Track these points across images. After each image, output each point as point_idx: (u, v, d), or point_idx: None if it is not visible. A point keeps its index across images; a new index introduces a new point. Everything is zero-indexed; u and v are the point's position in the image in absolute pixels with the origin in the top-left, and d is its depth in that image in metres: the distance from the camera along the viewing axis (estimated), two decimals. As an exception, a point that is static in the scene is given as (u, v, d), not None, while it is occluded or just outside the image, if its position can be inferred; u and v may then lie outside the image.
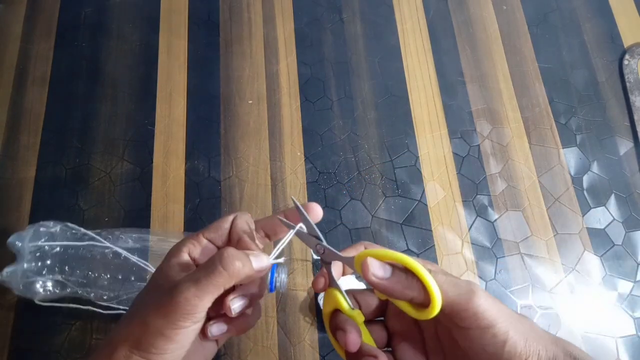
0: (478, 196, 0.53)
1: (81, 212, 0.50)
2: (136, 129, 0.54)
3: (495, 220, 0.52)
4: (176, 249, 0.25)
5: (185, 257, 0.25)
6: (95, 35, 0.58)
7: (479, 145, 0.55)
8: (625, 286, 0.50)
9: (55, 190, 0.51)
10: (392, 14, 0.61)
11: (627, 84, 0.58)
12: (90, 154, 0.52)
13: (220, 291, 0.22)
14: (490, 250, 0.50)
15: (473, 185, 0.53)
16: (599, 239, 0.51)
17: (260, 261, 0.24)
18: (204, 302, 0.22)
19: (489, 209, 0.52)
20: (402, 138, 0.55)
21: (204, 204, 0.51)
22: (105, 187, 0.51)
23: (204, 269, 0.22)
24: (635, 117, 0.57)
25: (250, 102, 0.56)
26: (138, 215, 0.50)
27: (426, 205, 0.52)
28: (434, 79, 0.58)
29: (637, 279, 0.50)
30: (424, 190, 0.52)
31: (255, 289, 0.25)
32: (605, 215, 0.52)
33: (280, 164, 0.53)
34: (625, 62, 0.59)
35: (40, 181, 0.51)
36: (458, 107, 0.57)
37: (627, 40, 0.61)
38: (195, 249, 0.26)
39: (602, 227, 0.52)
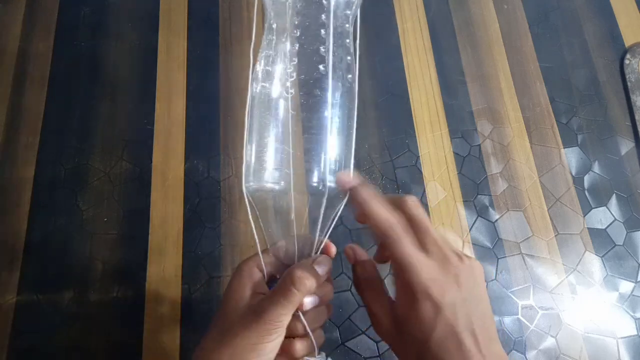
0: (479, 196, 0.52)
1: (80, 212, 0.50)
2: (135, 129, 0.53)
3: (496, 220, 0.51)
4: (246, 269, 0.29)
5: (256, 274, 0.28)
6: (94, 35, 0.58)
7: (479, 145, 0.55)
8: (626, 286, 0.49)
9: (54, 190, 0.50)
10: (393, 13, 0.61)
11: (628, 84, 0.58)
12: (89, 154, 0.52)
13: (297, 305, 0.27)
14: (491, 250, 0.50)
15: (474, 185, 0.53)
16: (600, 239, 0.51)
17: (323, 267, 0.28)
18: (286, 317, 0.26)
19: (490, 209, 0.52)
20: (402, 138, 0.55)
21: (204, 204, 0.50)
22: (104, 187, 0.51)
23: (280, 292, 0.26)
24: (637, 117, 0.56)
25: (250, 101, 0.55)
26: (137, 215, 0.50)
27: (427, 205, 0.52)
28: (434, 79, 0.58)
29: (639, 279, 0.50)
30: (424, 190, 0.52)
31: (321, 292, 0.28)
32: (606, 216, 0.52)
33: (280, 164, 0.53)
34: (627, 61, 0.59)
35: (39, 181, 0.51)
36: (459, 106, 0.56)
37: (628, 40, 0.61)
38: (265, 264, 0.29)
39: (604, 227, 0.52)
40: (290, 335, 0.27)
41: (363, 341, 0.46)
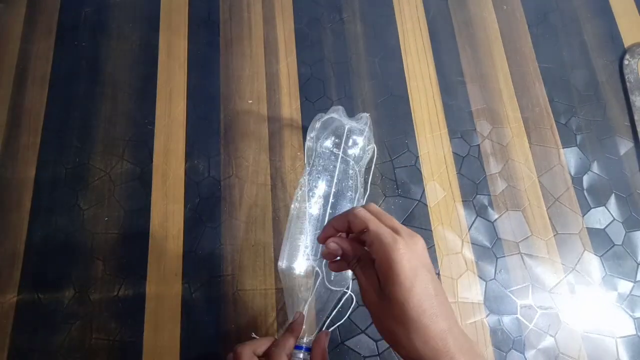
0: (478, 196, 0.53)
1: (81, 212, 0.50)
2: (136, 129, 0.54)
3: (495, 220, 0.52)
4: (246, 352, 0.37)
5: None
6: (95, 35, 0.58)
7: (479, 145, 0.55)
8: (625, 286, 0.50)
9: (55, 190, 0.51)
10: (393, 14, 0.61)
11: (628, 84, 0.58)
12: (90, 154, 0.52)
13: None
14: (490, 250, 0.50)
15: (473, 185, 0.53)
16: (599, 238, 0.51)
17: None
18: None
19: (489, 208, 0.52)
20: (402, 138, 0.55)
21: (204, 204, 0.51)
22: (105, 186, 0.51)
23: None
24: (636, 117, 0.56)
25: (250, 102, 0.56)
26: (138, 215, 0.50)
27: (426, 205, 0.52)
28: (434, 79, 0.58)
29: (637, 279, 0.50)
30: (424, 190, 0.52)
31: None
32: (605, 215, 0.52)
33: (280, 164, 0.53)
34: (626, 62, 0.59)
35: (40, 181, 0.51)
36: (458, 107, 0.57)
37: (627, 40, 0.61)
38: None
39: (602, 227, 0.52)
40: None
41: (363, 340, 0.46)
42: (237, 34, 0.59)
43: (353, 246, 0.32)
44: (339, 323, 0.46)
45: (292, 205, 0.47)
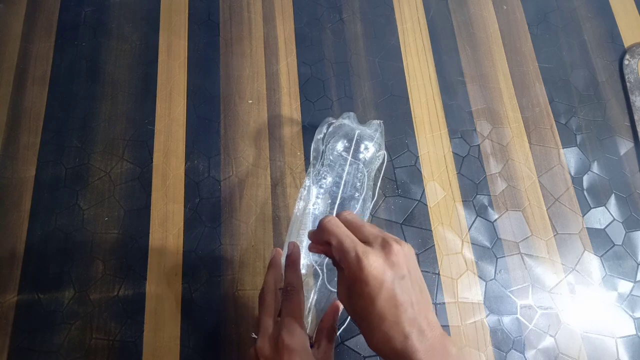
0: (478, 196, 0.53)
1: (81, 212, 0.50)
2: (136, 129, 0.54)
3: (495, 220, 0.52)
4: None
5: None
6: (95, 35, 0.58)
7: (479, 145, 0.55)
8: (625, 286, 0.50)
9: (55, 189, 0.51)
10: (392, 13, 0.61)
11: (628, 84, 0.58)
12: (90, 154, 0.52)
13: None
14: (490, 250, 0.50)
15: (473, 185, 0.53)
16: (599, 239, 0.51)
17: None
18: None
19: (489, 209, 0.52)
20: (402, 138, 0.55)
21: (204, 204, 0.51)
22: (105, 186, 0.51)
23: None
24: (636, 117, 0.56)
25: (250, 101, 0.56)
26: (138, 215, 0.50)
27: (426, 205, 0.52)
28: (434, 79, 0.58)
29: (637, 279, 0.50)
30: (423, 190, 0.52)
31: None
32: (605, 216, 0.52)
33: (280, 164, 0.53)
34: (626, 62, 0.59)
35: (40, 181, 0.51)
36: (458, 106, 0.57)
37: (628, 40, 0.61)
38: None
39: (602, 227, 0.52)
40: None
41: (362, 340, 0.46)
42: (237, 34, 0.59)
43: (329, 250, 0.33)
44: (339, 324, 0.46)
45: (297, 205, 0.47)
